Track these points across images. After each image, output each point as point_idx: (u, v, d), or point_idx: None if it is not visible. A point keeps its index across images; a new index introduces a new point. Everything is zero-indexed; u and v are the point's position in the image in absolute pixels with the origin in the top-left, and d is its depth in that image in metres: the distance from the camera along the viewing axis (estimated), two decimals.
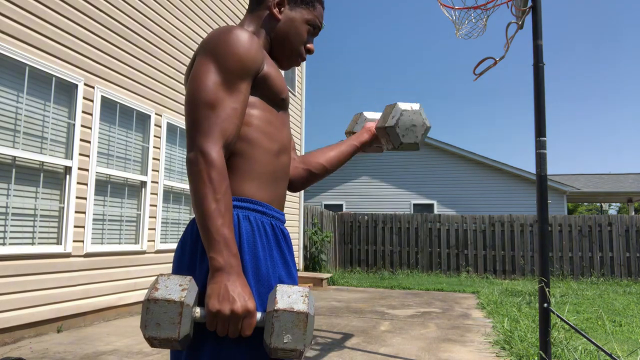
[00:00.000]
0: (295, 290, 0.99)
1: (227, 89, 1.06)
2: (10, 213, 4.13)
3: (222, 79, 1.06)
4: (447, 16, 4.23)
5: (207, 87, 1.05)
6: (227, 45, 1.07)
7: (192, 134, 1.02)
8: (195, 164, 0.99)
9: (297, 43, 1.29)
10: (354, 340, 4.50)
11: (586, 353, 3.83)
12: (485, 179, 16.16)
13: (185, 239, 1.10)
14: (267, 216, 1.12)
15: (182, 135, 6.66)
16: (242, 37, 1.09)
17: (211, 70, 1.06)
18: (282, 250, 1.13)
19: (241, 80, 1.08)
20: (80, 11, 4.88)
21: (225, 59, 1.06)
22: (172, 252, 6.32)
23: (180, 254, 1.11)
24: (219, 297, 0.93)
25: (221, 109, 1.04)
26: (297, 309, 0.94)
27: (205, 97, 1.04)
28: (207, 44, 1.09)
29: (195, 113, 1.03)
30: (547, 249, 3.42)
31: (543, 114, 3.51)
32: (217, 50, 1.07)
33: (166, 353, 3.83)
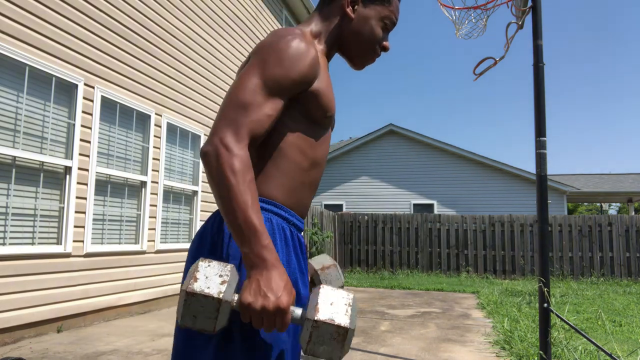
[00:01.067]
0: (339, 297, 0.92)
1: (265, 95, 1.03)
2: (10, 213, 4.13)
3: (263, 85, 1.03)
4: (447, 16, 4.22)
5: (247, 88, 1.02)
6: (280, 53, 1.04)
7: (217, 127, 0.98)
8: (218, 156, 0.95)
9: (372, 42, 1.23)
10: (354, 340, 4.50)
11: (586, 353, 3.82)
12: (485, 179, 16.15)
13: (205, 234, 1.07)
14: (288, 222, 1.11)
15: (182, 135, 6.66)
16: (298, 48, 1.05)
17: (256, 74, 1.03)
18: (299, 257, 1.11)
19: (282, 91, 1.05)
20: (80, 11, 4.88)
21: (273, 68, 1.03)
22: (172, 252, 6.32)
23: (196, 247, 1.07)
24: (252, 292, 0.90)
25: (253, 112, 1.01)
26: (337, 322, 0.89)
27: (242, 98, 1.01)
28: (263, 47, 1.06)
29: (227, 109, 1.01)
30: (547, 249, 3.42)
31: (543, 114, 3.51)
32: (268, 56, 1.04)
33: (166, 353, 3.83)
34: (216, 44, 7.53)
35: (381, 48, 1.27)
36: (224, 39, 7.75)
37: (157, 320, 5.19)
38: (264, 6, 9.23)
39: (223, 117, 1.00)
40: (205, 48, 7.23)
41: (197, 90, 7.01)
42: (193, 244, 1.10)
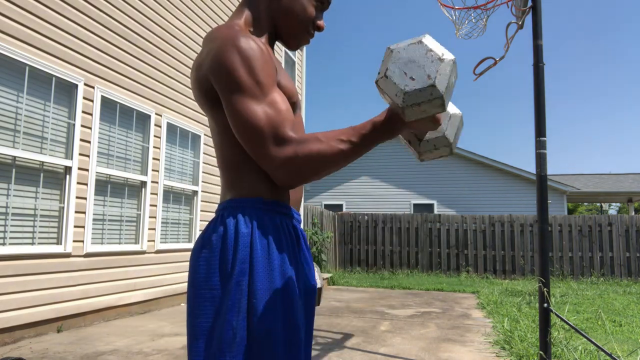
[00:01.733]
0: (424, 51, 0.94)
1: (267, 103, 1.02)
2: (10, 213, 4.13)
3: (258, 99, 1.02)
4: (447, 16, 4.22)
5: (255, 114, 1.00)
6: (246, 64, 1.02)
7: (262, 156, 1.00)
8: (291, 160, 0.99)
9: (304, 20, 1.19)
10: (354, 340, 4.50)
11: (586, 353, 3.83)
12: (485, 179, 16.16)
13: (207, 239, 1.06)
14: (289, 217, 1.11)
15: (182, 135, 6.66)
16: (255, 50, 1.04)
17: (246, 98, 1.01)
18: (304, 251, 1.12)
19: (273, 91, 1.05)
20: (80, 11, 4.88)
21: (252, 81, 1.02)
22: (172, 252, 6.32)
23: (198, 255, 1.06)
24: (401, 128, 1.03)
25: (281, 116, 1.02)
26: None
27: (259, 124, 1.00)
28: (223, 68, 1.02)
29: (259, 142, 1.00)
30: (547, 249, 3.42)
31: (543, 114, 3.51)
32: (240, 75, 1.01)
33: (166, 353, 3.83)
34: None
35: (314, 27, 1.22)
36: None
37: (157, 320, 5.19)
38: None
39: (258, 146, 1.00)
40: None
41: None
42: (195, 253, 1.08)
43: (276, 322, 0.99)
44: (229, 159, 1.08)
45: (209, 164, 7.29)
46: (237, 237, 1.03)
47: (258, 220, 1.04)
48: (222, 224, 1.05)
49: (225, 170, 1.09)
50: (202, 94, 1.10)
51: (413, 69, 0.91)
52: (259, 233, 1.03)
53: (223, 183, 1.11)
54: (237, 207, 1.05)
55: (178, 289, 6.39)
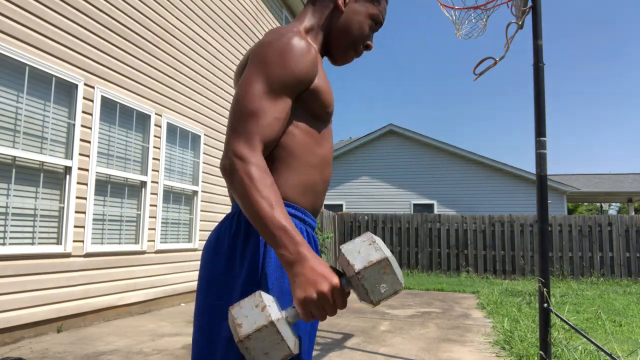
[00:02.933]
0: (359, 243, 0.94)
1: (272, 98, 1.03)
2: (10, 213, 4.13)
3: (269, 88, 1.02)
4: (447, 16, 4.23)
5: (253, 95, 1.02)
6: (281, 54, 1.03)
7: (229, 140, 1.00)
8: (233, 167, 0.97)
9: (358, 38, 1.23)
10: (354, 340, 4.50)
11: (586, 353, 3.83)
12: (485, 179, 16.16)
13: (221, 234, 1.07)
14: (304, 223, 1.11)
15: (182, 135, 6.66)
16: (299, 47, 1.05)
17: (260, 78, 1.03)
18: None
19: (287, 92, 1.05)
20: (80, 11, 4.88)
21: (276, 69, 1.03)
22: (172, 252, 6.32)
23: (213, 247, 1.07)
24: (302, 286, 0.90)
25: (263, 118, 1.01)
26: (376, 259, 0.90)
27: (249, 105, 1.01)
28: (263, 47, 1.05)
29: (237, 120, 1.01)
30: (547, 249, 3.42)
31: (543, 114, 3.51)
32: (270, 58, 1.03)
33: (166, 353, 3.83)
34: (216, 44, 7.53)
35: (365, 47, 1.26)
36: (224, 39, 7.75)
37: (157, 320, 5.19)
38: (264, 6, 9.23)
39: (234, 130, 1.00)
40: (205, 48, 7.23)
41: (197, 90, 7.01)
42: (208, 252, 1.09)
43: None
44: None
45: (209, 164, 7.29)
46: (247, 236, 1.04)
47: None
48: (237, 222, 1.07)
49: None
50: (238, 73, 1.14)
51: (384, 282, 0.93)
52: None
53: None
54: None
55: (178, 289, 6.39)
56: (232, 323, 0.90)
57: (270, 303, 0.90)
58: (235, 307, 0.91)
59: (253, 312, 0.88)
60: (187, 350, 3.95)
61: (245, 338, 0.86)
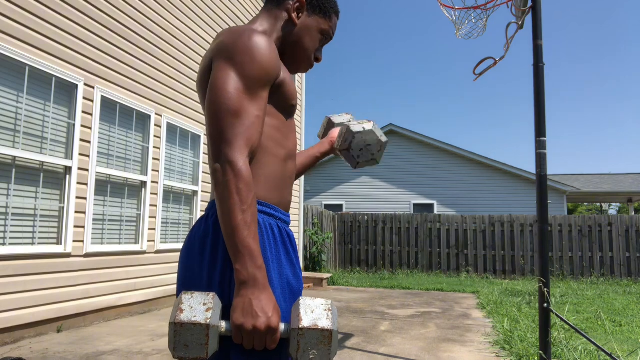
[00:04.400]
0: (319, 304, 0.99)
1: (249, 96, 1.04)
2: (10, 213, 4.13)
3: (245, 87, 1.04)
4: (447, 16, 4.23)
5: (231, 94, 1.03)
6: (248, 51, 1.05)
7: (217, 144, 1.01)
8: (223, 174, 0.98)
9: (309, 50, 1.27)
10: (354, 340, 4.50)
11: (586, 353, 3.83)
12: (485, 179, 16.16)
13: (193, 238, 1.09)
14: (275, 218, 1.13)
15: (182, 135, 6.66)
16: (263, 43, 1.07)
17: (233, 77, 1.04)
18: (288, 251, 1.13)
19: (262, 88, 1.07)
20: (80, 11, 4.88)
21: (247, 66, 1.04)
22: (172, 252, 6.32)
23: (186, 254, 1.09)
24: (243, 312, 0.93)
25: (245, 117, 1.03)
26: (321, 326, 0.95)
27: (230, 105, 1.02)
28: (226, 48, 1.06)
29: (220, 122, 1.02)
30: (547, 249, 3.42)
31: (543, 114, 3.52)
32: (238, 57, 1.05)
33: (167, 353, 3.83)
34: None
35: (315, 59, 1.31)
36: None
37: (157, 320, 5.20)
38: None
39: (220, 133, 1.01)
40: (205, 48, 7.23)
41: (197, 90, 7.00)
42: (182, 254, 1.11)
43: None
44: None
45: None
46: (217, 237, 1.06)
47: None
48: (205, 223, 1.09)
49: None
50: (204, 85, 1.14)
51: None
52: None
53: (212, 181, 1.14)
54: None
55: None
56: (176, 304, 0.94)
57: (217, 309, 0.94)
58: (188, 294, 0.96)
59: (198, 307, 0.93)
60: None
61: (179, 324, 0.91)
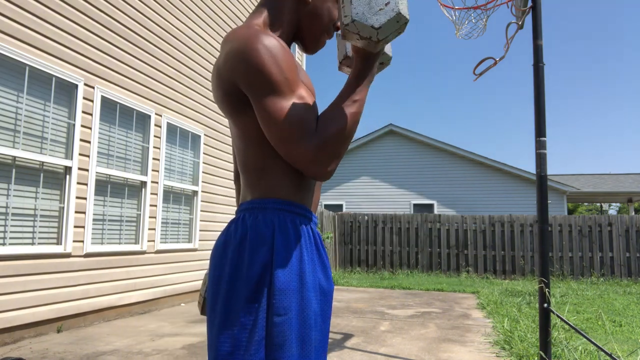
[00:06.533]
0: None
1: (292, 96, 1.02)
2: (10, 213, 4.13)
3: (283, 94, 1.02)
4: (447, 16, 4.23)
5: (288, 113, 1.01)
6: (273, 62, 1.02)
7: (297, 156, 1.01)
8: (322, 146, 1.00)
9: (328, 21, 1.23)
10: (354, 340, 4.50)
11: (586, 353, 3.82)
12: (485, 179, 16.16)
13: (228, 239, 1.08)
14: (307, 219, 1.12)
15: (182, 135, 6.66)
16: (278, 47, 1.04)
17: (277, 97, 1.01)
18: (320, 253, 1.12)
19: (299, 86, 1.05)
20: (80, 11, 4.88)
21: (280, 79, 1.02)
22: (172, 252, 6.32)
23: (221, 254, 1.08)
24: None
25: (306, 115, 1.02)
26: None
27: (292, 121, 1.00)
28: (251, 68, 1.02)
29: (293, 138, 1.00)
30: (547, 249, 3.42)
31: (543, 114, 3.51)
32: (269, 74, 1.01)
33: (167, 353, 3.83)
34: (216, 44, 7.53)
35: (335, 28, 1.27)
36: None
37: (157, 320, 5.19)
38: None
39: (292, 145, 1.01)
40: (205, 48, 7.23)
41: (197, 90, 7.01)
42: (215, 256, 1.09)
43: (291, 324, 1.00)
44: (252, 161, 1.09)
45: (209, 164, 7.29)
46: (257, 237, 1.04)
47: (279, 221, 1.05)
48: (243, 225, 1.07)
49: (247, 172, 1.10)
50: (226, 99, 1.10)
51: (375, 5, 0.95)
52: (279, 234, 1.04)
53: (244, 184, 1.12)
54: (258, 208, 1.07)
55: (178, 289, 6.39)
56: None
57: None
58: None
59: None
60: (187, 350, 3.95)
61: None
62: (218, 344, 1.01)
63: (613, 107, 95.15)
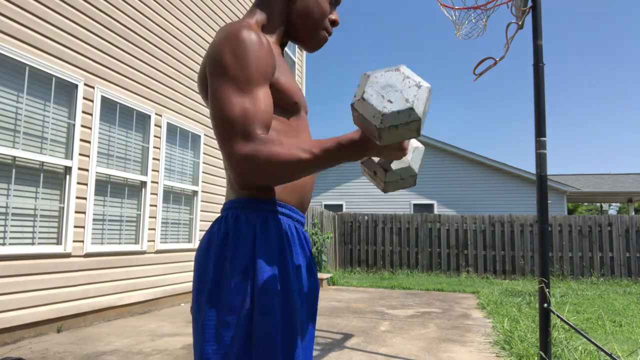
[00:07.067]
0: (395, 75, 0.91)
1: (248, 93, 1.01)
2: (10, 213, 4.13)
3: (240, 90, 1.01)
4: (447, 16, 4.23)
5: (230, 103, 0.99)
6: (235, 53, 1.02)
7: (229, 151, 0.98)
8: (252, 164, 0.95)
9: (320, 17, 1.20)
10: (354, 341, 4.50)
11: (586, 353, 3.83)
12: (485, 179, 16.16)
13: (212, 239, 1.07)
14: (292, 219, 1.12)
15: (182, 135, 6.66)
16: (250, 41, 1.03)
17: (227, 86, 1.00)
18: (305, 252, 1.13)
19: (257, 86, 1.04)
20: (80, 11, 4.88)
21: (237, 71, 1.01)
22: (172, 252, 6.32)
23: (204, 254, 1.07)
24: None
25: (252, 111, 1.00)
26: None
27: (232, 114, 0.99)
28: (216, 55, 1.03)
29: (225, 131, 0.99)
30: (547, 249, 3.42)
31: (543, 114, 3.52)
32: (226, 62, 1.02)
33: (167, 353, 3.83)
34: None
35: (331, 22, 1.24)
36: None
37: (157, 320, 5.19)
38: None
39: (227, 139, 0.98)
40: (205, 48, 7.23)
41: (197, 90, 7.01)
42: (200, 255, 1.09)
43: (276, 323, 0.99)
44: None
45: (209, 164, 7.29)
46: (239, 237, 1.04)
47: (261, 221, 1.05)
48: (225, 224, 1.07)
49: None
50: (201, 89, 1.13)
51: (391, 93, 0.89)
52: (261, 233, 1.03)
53: (228, 183, 1.13)
54: (240, 207, 1.06)
55: (178, 289, 6.39)
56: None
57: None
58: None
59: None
60: (187, 350, 3.95)
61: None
62: (203, 343, 1.00)
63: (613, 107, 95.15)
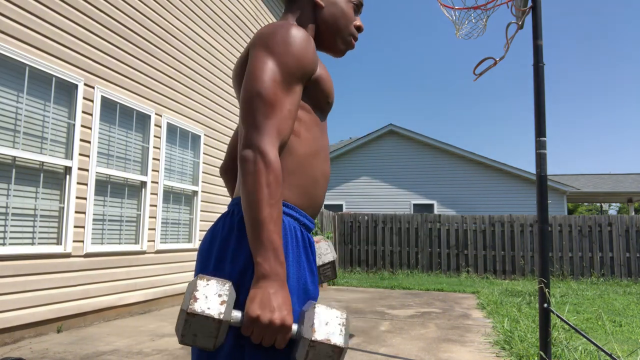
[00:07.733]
0: (333, 316, 0.95)
1: (284, 88, 1.03)
2: (10, 213, 4.13)
3: (281, 78, 1.03)
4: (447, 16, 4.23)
5: (266, 83, 1.01)
6: (287, 43, 1.04)
7: (250, 131, 0.99)
8: (254, 163, 0.96)
9: (346, 24, 1.25)
10: (354, 340, 4.50)
11: (586, 353, 3.82)
12: (485, 179, 16.16)
13: (215, 234, 1.07)
14: (299, 223, 1.11)
15: (182, 135, 6.66)
16: (301, 37, 1.06)
17: (270, 67, 1.02)
18: (309, 257, 1.11)
19: (297, 82, 1.06)
20: (80, 11, 4.88)
21: (285, 58, 1.03)
22: (172, 252, 6.32)
23: (207, 248, 1.07)
24: (260, 304, 0.90)
25: (279, 109, 1.01)
26: (334, 342, 0.91)
27: (265, 95, 1.00)
28: (265, 38, 1.05)
29: (254, 110, 1.00)
30: (547, 249, 3.42)
31: (543, 114, 3.52)
32: (276, 48, 1.04)
33: (166, 353, 3.83)
34: (216, 44, 7.53)
35: (355, 28, 1.29)
36: (224, 39, 7.75)
37: (157, 321, 5.19)
38: (264, 6, 9.23)
39: (253, 121, 1.00)
40: (205, 48, 7.23)
41: (197, 90, 7.01)
42: (202, 252, 1.09)
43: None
44: None
45: (209, 164, 7.29)
46: (242, 234, 1.04)
47: None
48: (231, 219, 1.07)
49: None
50: (240, 78, 1.14)
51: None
52: None
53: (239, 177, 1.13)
54: None
55: (178, 289, 6.39)
56: (190, 290, 0.90)
57: (231, 301, 0.91)
58: (204, 280, 0.91)
59: (213, 298, 0.89)
60: (186, 350, 3.95)
61: (191, 314, 0.88)
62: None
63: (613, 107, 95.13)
